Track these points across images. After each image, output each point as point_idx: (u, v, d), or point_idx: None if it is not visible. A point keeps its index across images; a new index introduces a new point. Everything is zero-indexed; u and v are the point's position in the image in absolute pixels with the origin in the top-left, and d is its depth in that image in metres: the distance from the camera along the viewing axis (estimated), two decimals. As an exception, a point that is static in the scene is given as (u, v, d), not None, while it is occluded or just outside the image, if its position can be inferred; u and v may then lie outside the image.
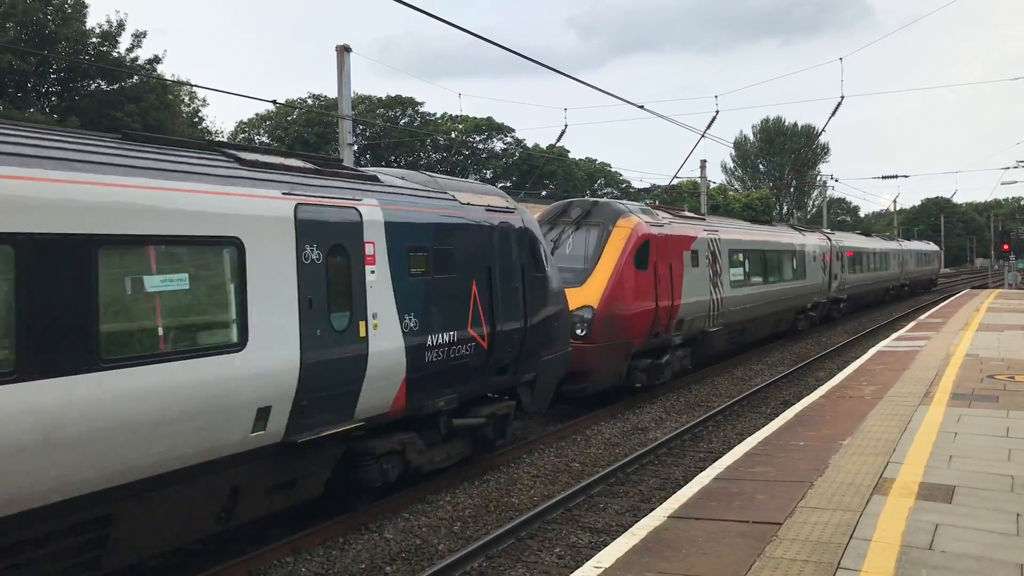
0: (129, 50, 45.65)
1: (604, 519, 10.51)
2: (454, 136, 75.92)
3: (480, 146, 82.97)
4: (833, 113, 32.29)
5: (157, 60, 46.94)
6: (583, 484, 11.55)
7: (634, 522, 9.11)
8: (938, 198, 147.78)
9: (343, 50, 22.00)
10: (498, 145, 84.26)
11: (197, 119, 57.51)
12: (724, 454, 10.93)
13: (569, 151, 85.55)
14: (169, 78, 47.64)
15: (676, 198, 71.76)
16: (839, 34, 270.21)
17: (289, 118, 71.44)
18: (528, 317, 12.47)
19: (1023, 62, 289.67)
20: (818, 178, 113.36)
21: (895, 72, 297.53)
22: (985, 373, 15.63)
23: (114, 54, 44.78)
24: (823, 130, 62.91)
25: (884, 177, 74.85)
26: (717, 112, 29.41)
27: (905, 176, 75.97)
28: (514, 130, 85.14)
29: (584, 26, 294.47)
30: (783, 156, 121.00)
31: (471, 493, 11.62)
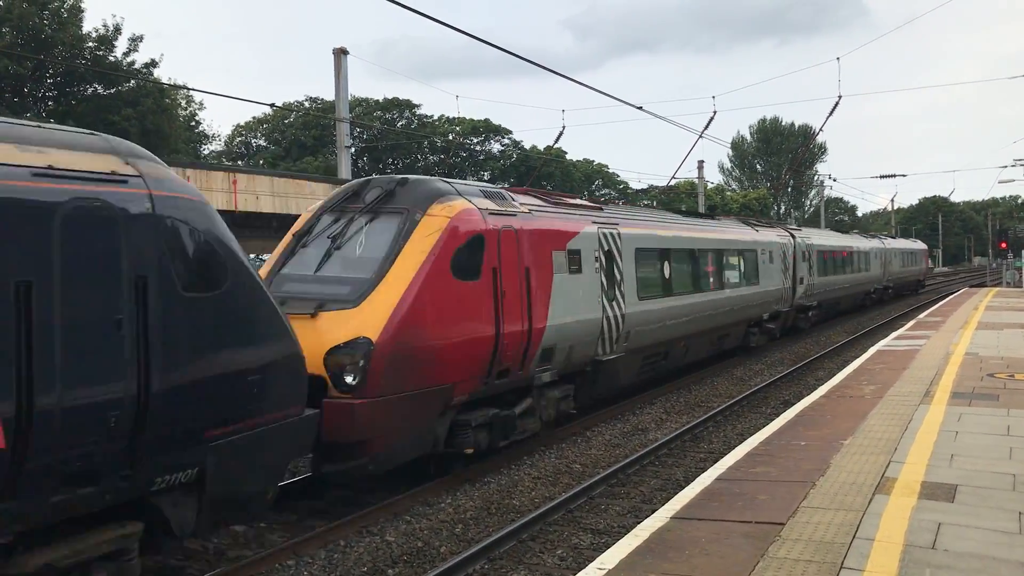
0: (126, 54, 45.69)
1: (606, 520, 10.49)
2: (451, 138, 75.96)
3: (477, 148, 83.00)
4: (831, 113, 32.33)
5: (154, 64, 46.99)
6: (584, 485, 11.53)
7: (636, 523, 9.11)
8: (936, 197, 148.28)
9: (340, 53, 22.04)
10: (495, 147, 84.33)
11: (194, 123, 57.50)
12: (725, 454, 10.94)
13: (567, 152, 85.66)
14: (166, 82, 47.61)
15: (674, 199, 71.85)
16: (836, 34, 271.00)
17: (286, 121, 71.49)
18: (155, 373, 7.02)
19: (1021, 61, 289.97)
20: (815, 178, 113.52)
21: (892, 71, 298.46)
22: (985, 372, 15.64)
23: (111, 58, 44.78)
24: (820, 130, 63.00)
25: (882, 176, 75.13)
26: (715, 112, 29.44)
27: (903, 175, 76.29)
28: (511, 132, 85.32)
29: (581, 27, 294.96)
30: (780, 156, 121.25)
31: (472, 495, 11.60)
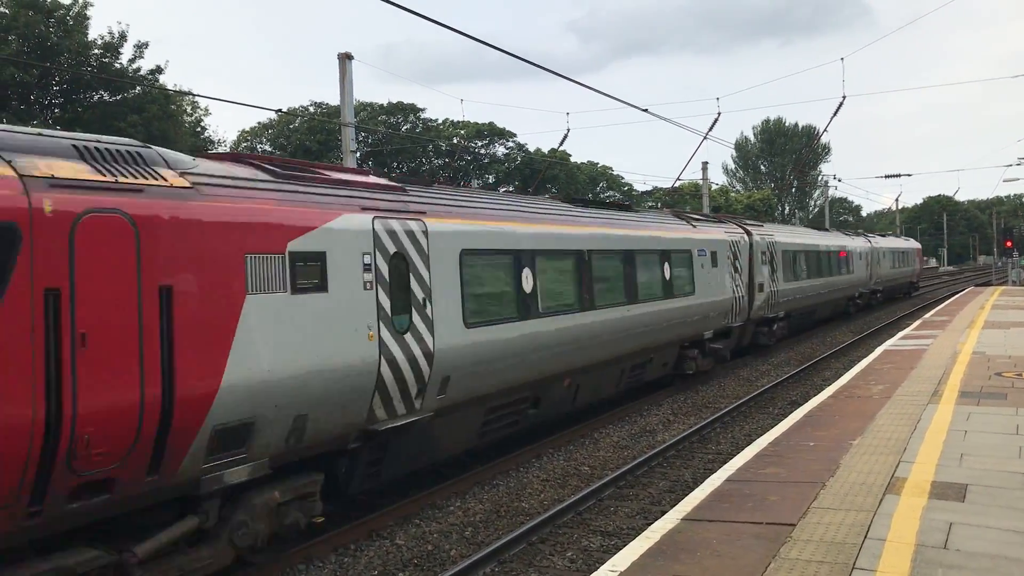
0: (131, 61, 45.74)
1: (615, 522, 10.50)
2: (456, 142, 76.02)
3: (482, 151, 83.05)
4: (835, 113, 31.97)
5: (159, 70, 46.99)
6: (593, 487, 11.55)
7: (645, 525, 9.13)
8: (940, 196, 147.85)
9: (345, 58, 22.05)
10: (500, 150, 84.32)
11: (199, 128, 57.59)
12: (733, 455, 10.95)
13: (571, 155, 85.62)
14: (171, 88, 47.71)
15: (678, 200, 71.84)
16: (839, 34, 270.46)
17: (291, 126, 71.57)
18: None
19: None
20: (820, 178, 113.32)
21: (896, 71, 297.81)
22: (992, 371, 15.61)
23: (116, 65, 44.87)
24: (825, 130, 62.85)
25: (887, 176, 74.73)
26: (719, 114, 29.37)
27: (908, 175, 76.10)
28: (516, 135, 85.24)
29: (584, 30, 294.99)
30: (784, 157, 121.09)
31: (481, 498, 11.62)
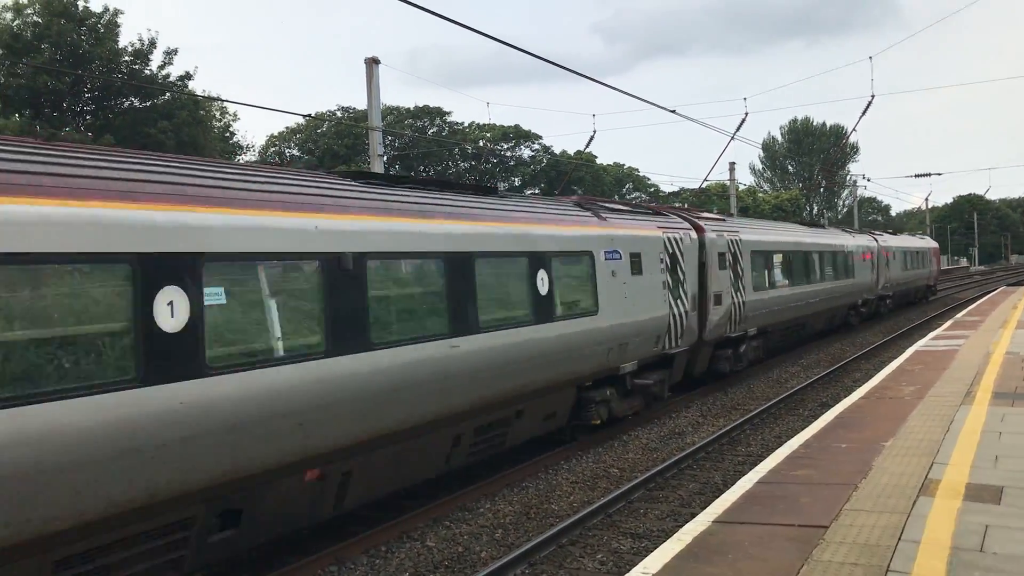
0: (161, 67, 46.34)
1: (645, 524, 10.48)
2: (482, 144, 76.20)
3: (508, 154, 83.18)
4: (863, 113, 31.69)
5: (188, 76, 47.58)
6: (623, 490, 11.53)
7: (675, 527, 9.11)
8: (971, 195, 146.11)
9: (372, 62, 22.19)
10: (526, 152, 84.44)
11: (228, 134, 58.16)
12: (764, 457, 10.88)
13: (597, 157, 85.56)
14: (200, 94, 48.21)
15: (705, 201, 71.50)
16: (867, 33, 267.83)
17: (319, 131, 72.08)
18: None
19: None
20: (848, 178, 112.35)
21: (926, 69, 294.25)
22: (1028, 372, 15.40)
23: (146, 72, 45.46)
24: (853, 130, 62.26)
25: (917, 176, 73.92)
26: (747, 114, 29.25)
27: (938, 174, 74.74)
28: (541, 137, 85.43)
29: (609, 31, 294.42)
30: (812, 157, 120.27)
31: (511, 500, 11.64)
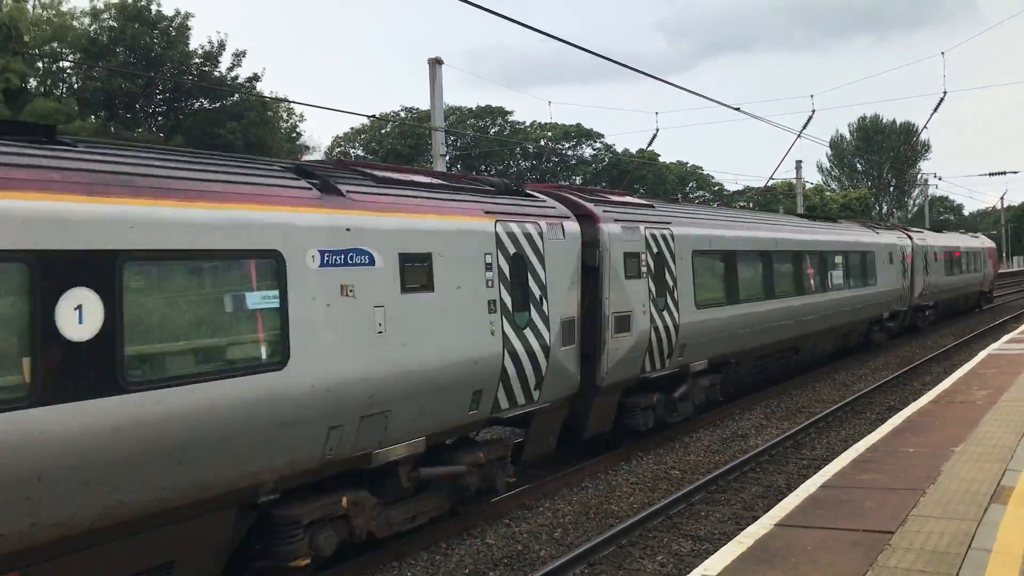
0: (230, 69, 47.35)
1: (706, 527, 10.39)
2: (543, 144, 76.23)
3: (569, 153, 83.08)
4: (935, 109, 30.89)
5: (256, 78, 48.53)
6: (684, 492, 11.44)
7: (736, 530, 9.01)
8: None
9: (435, 63, 22.37)
10: (587, 151, 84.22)
11: (295, 134, 59.17)
12: (829, 461, 10.71)
13: (659, 155, 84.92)
14: (268, 95, 49.14)
15: (771, 200, 70.45)
16: (939, 28, 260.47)
17: (383, 131, 72.92)
18: None
19: None
20: (919, 176, 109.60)
21: (1002, 64, 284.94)
22: (1108, 377, 14.89)
23: (216, 73, 46.49)
24: (924, 127, 60.72)
25: (991, 174, 71.77)
26: (813, 111, 28.74)
27: (1014, 172, 72.45)
28: (603, 135, 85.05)
29: (672, 29, 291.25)
30: (881, 155, 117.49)
31: (570, 500, 11.64)
